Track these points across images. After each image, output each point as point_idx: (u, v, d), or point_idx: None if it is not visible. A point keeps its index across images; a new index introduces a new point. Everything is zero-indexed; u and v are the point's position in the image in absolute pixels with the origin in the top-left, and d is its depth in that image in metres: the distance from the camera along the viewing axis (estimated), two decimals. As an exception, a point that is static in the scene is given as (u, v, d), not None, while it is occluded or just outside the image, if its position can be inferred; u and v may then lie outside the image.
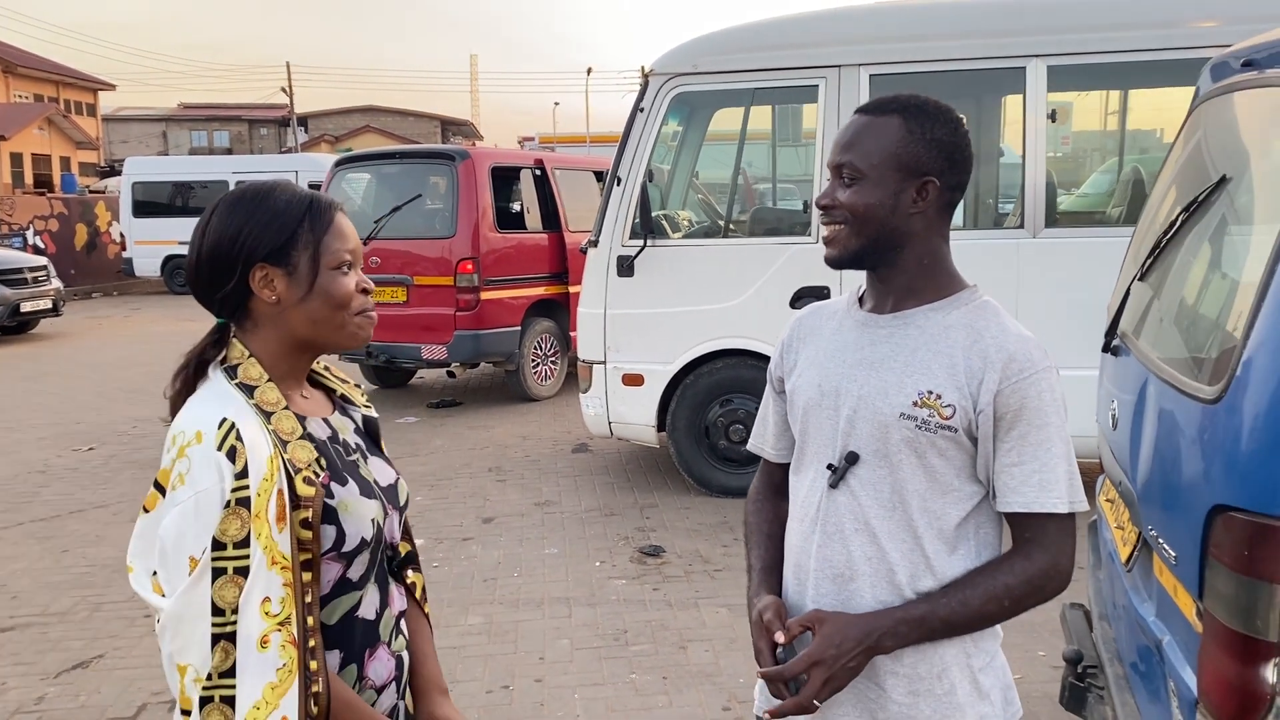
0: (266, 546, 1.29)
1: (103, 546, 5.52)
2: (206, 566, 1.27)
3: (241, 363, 1.42)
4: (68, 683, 3.93)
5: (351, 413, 1.61)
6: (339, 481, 1.43)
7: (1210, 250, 2.40)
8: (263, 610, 1.28)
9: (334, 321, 1.45)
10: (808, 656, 1.46)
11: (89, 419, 8.89)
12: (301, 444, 1.39)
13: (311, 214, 1.44)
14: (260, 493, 1.30)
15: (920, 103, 1.56)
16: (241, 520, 1.28)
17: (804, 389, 1.65)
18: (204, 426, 1.32)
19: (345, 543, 1.41)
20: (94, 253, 22.46)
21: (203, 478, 1.29)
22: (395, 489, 1.59)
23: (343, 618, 1.44)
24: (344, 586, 1.44)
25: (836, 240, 1.58)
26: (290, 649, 1.29)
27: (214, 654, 1.26)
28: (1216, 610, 1.80)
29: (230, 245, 1.40)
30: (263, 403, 1.39)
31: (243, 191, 1.45)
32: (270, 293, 1.42)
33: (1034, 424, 1.49)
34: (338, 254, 1.44)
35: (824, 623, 1.49)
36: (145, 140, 58.07)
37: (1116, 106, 7.34)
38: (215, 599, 1.26)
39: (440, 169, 8.80)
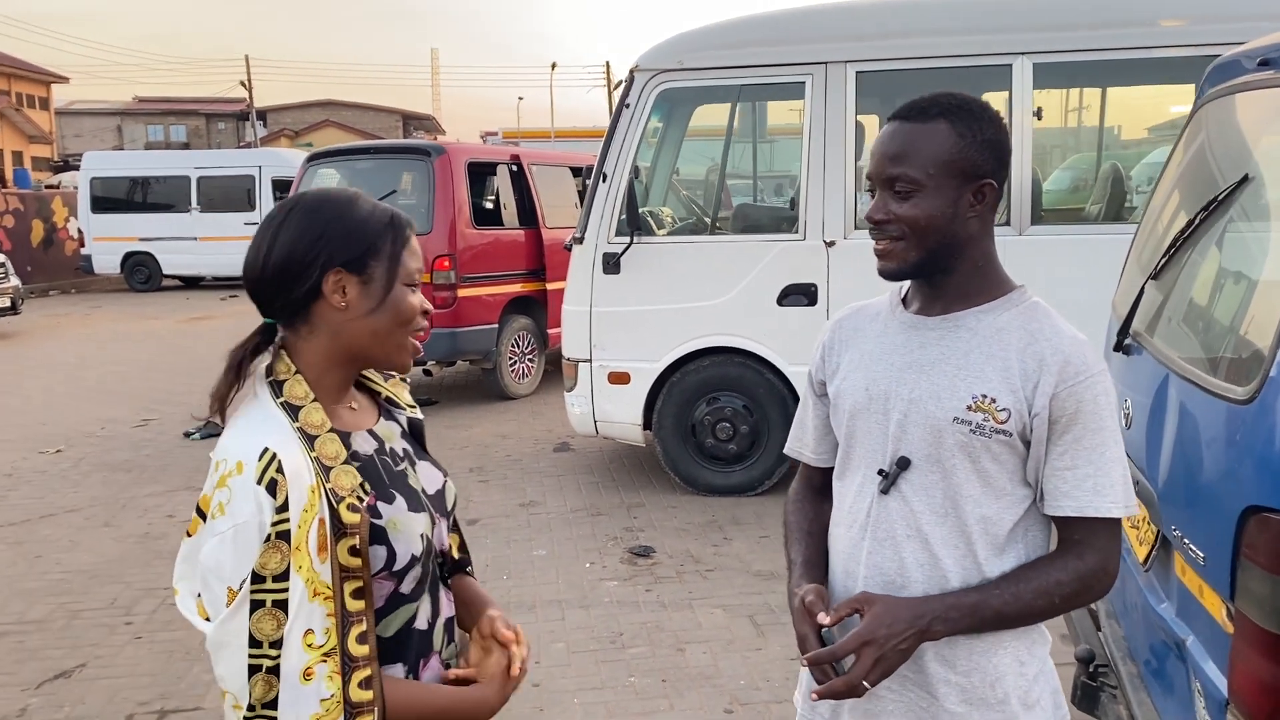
0: (308, 579, 1.28)
1: (77, 552, 5.39)
2: (245, 599, 1.26)
3: (287, 379, 1.39)
4: (50, 693, 3.82)
5: (397, 416, 1.58)
6: (386, 500, 1.41)
7: (1231, 251, 2.40)
8: (305, 642, 1.27)
9: (394, 338, 1.43)
10: (859, 635, 1.43)
11: (55, 420, 8.69)
12: (345, 469, 1.37)
13: (394, 227, 1.43)
14: (301, 524, 1.28)
15: (962, 103, 1.53)
16: (281, 554, 1.27)
17: (850, 392, 1.62)
18: (245, 457, 1.30)
19: (396, 561, 1.39)
20: (51, 249, 22.02)
21: (242, 510, 1.28)
22: (443, 494, 1.57)
23: (400, 630, 1.44)
24: (398, 600, 1.43)
25: (894, 254, 1.53)
26: (337, 679, 1.29)
27: (253, 685, 1.26)
28: (1250, 611, 1.79)
29: (310, 247, 1.38)
30: (307, 425, 1.36)
31: (325, 196, 1.43)
32: (341, 299, 1.39)
33: (1089, 427, 1.47)
34: (410, 271, 1.44)
35: (874, 603, 1.46)
36: (99, 134, 57.02)
37: (1076, 104, 7.42)
38: (253, 630, 1.26)
39: (415, 164, 8.69)
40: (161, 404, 9.31)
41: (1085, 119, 7.32)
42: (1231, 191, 2.36)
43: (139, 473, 6.98)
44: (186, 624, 4.18)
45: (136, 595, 4.76)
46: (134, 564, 5.19)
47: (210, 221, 19.99)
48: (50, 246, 22.00)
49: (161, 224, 20.29)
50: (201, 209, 20.14)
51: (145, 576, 5.00)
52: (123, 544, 5.50)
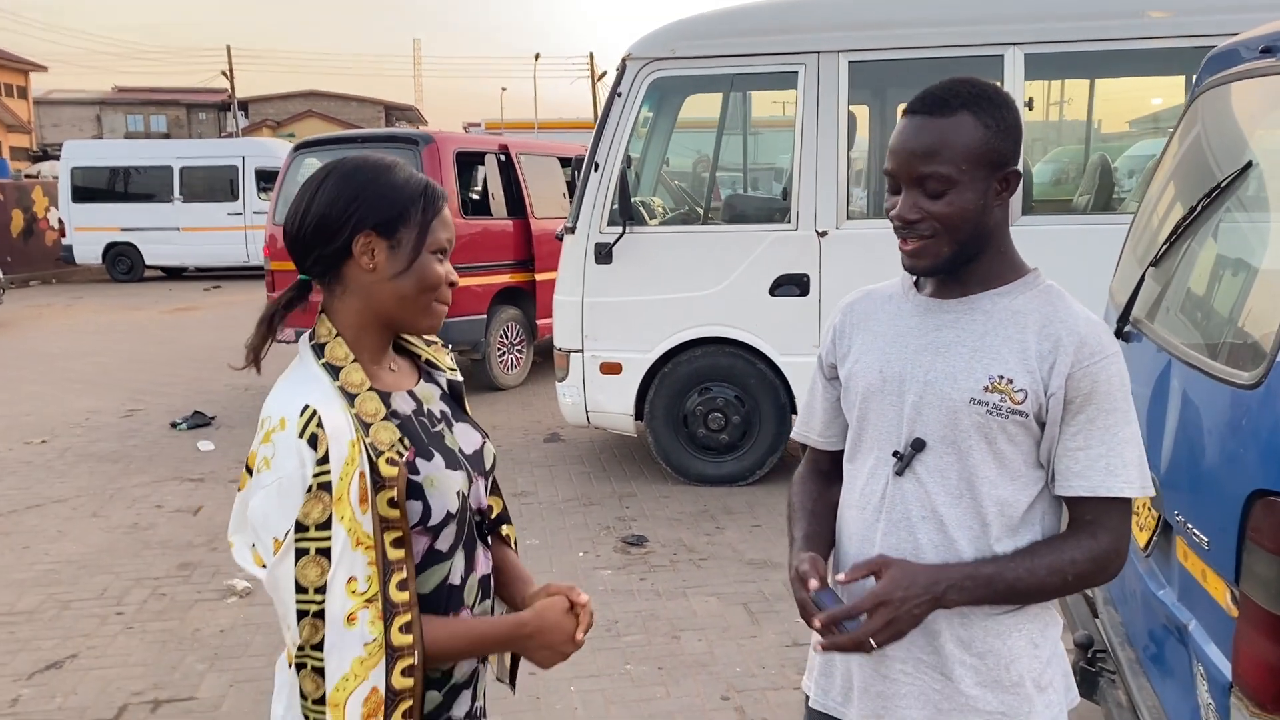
0: (350, 529, 1.34)
1: (65, 542, 5.35)
2: (290, 547, 1.33)
3: (328, 341, 1.45)
4: (42, 684, 3.79)
5: (437, 378, 1.63)
6: (424, 456, 1.45)
7: (1231, 239, 2.41)
8: (349, 589, 1.34)
9: (419, 303, 1.47)
10: (875, 594, 1.43)
11: (39, 411, 8.62)
12: (384, 425, 1.42)
13: (426, 196, 1.48)
14: (342, 477, 1.34)
15: (980, 91, 1.51)
16: (323, 504, 1.33)
17: (862, 375, 1.62)
18: (288, 413, 1.37)
19: (431, 517, 1.44)
20: (31, 239, 21.78)
21: (285, 463, 1.34)
22: (481, 454, 1.61)
23: (437, 586, 1.48)
24: (434, 558, 1.48)
25: (927, 252, 1.51)
26: (379, 624, 1.35)
27: (301, 628, 1.34)
28: (1256, 594, 1.81)
29: (345, 208, 1.43)
30: (347, 384, 1.42)
31: (363, 160, 1.49)
32: (369, 260, 1.44)
33: (1103, 408, 1.48)
34: (439, 240, 1.48)
35: (890, 566, 1.46)
36: (79, 124, 56.46)
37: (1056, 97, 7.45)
38: (298, 577, 1.33)
39: (404, 154, 8.62)
40: (146, 394, 9.25)
41: (1075, 111, 7.35)
42: (1231, 180, 2.37)
43: (126, 463, 6.93)
44: (179, 613, 4.17)
45: (127, 585, 4.73)
46: (123, 554, 5.15)
47: (193, 212, 19.82)
48: (30, 237, 21.76)
49: (144, 214, 20.09)
50: (184, 199, 19.96)
51: (135, 566, 4.97)
52: (111, 534, 5.46)
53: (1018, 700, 1.52)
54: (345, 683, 1.34)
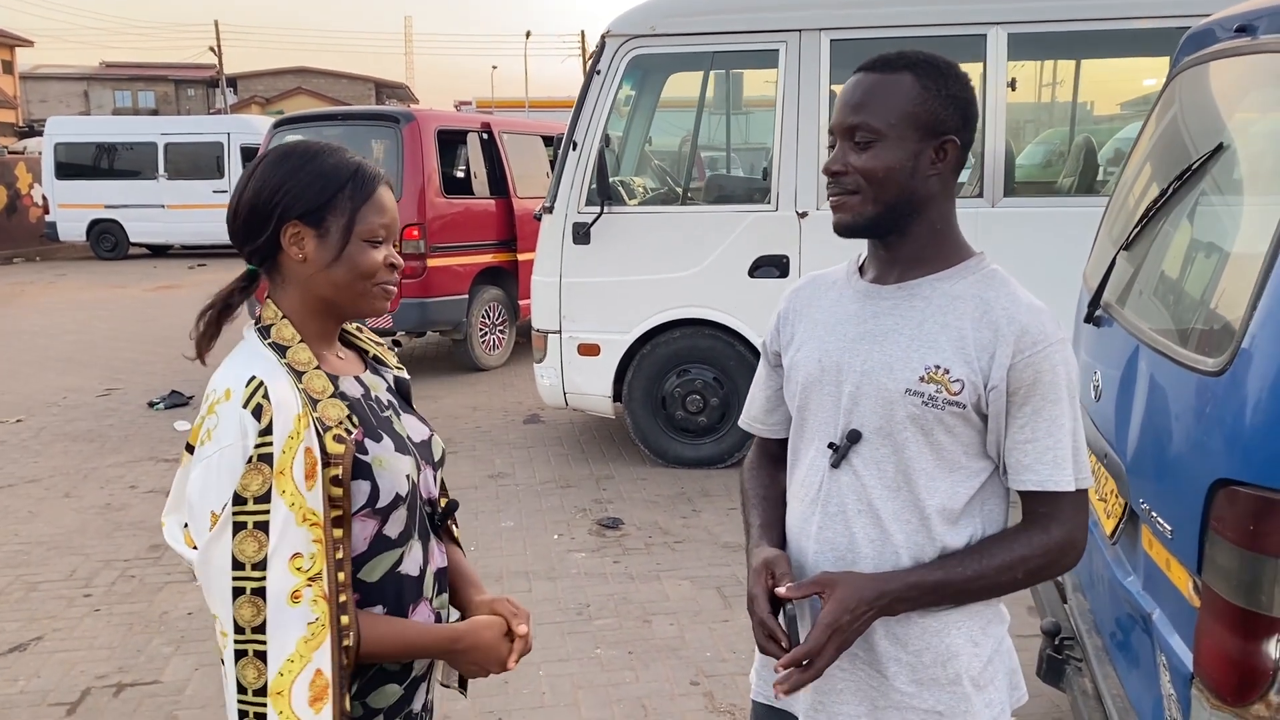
0: (293, 503, 1.30)
1: (36, 523, 5.29)
2: (227, 521, 1.29)
3: (275, 323, 1.43)
4: (4, 667, 3.74)
5: (383, 373, 1.61)
6: (373, 438, 1.43)
7: (1203, 222, 2.37)
8: (293, 566, 1.29)
9: (354, 289, 1.44)
10: (826, 625, 1.39)
11: (16, 389, 8.53)
12: (332, 402, 1.40)
13: (355, 182, 1.43)
14: (286, 450, 1.30)
15: (929, 58, 1.48)
16: (263, 476, 1.29)
17: (803, 364, 1.57)
18: (233, 384, 1.33)
19: (380, 498, 1.40)
20: (14, 216, 21.58)
21: (227, 434, 1.31)
22: (429, 445, 1.59)
23: (385, 575, 1.45)
24: (383, 544, 1.44)
25: (848, 207, 1.48)
26: (322, 603, 1.31)
27: (239, 607, 1.28)
28: (1217, 584, 1.78)
29: (269, 198, 1.40)
30: (295, 362, 1.39)
31: (293, 147, 1.45)
32: (298, 251, 1.41)
33: (1047, 399, 1.43)
34: (371, 226, 1.43)
35: (835, 585, 1.41)
36: (66, 100, 55.93)
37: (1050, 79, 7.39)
38: (235, 553, 1.29)
39: (384, 131, 8.55)
40: (126, 373, 9.16)
41: (1060, 93, 7.29)
42: (1204, 162, 2.32)
43: (101, 443, 6.86)
44: (147, 596, 4.11)
45: (96, 567, 4.68)
46: (94, 535, 5.10)
47: (178, 189, 19.64)
48: (14, 213, 21.57)
49: (128, 191, 19.91)
50: (169, 176, 19.78)
51: (105, 548, 4.92)
52: (83, 515, 5.41)
53: (954, 699, 1.48)
54: (290, 665, 1.28)
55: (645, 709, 3.38)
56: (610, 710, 3.38)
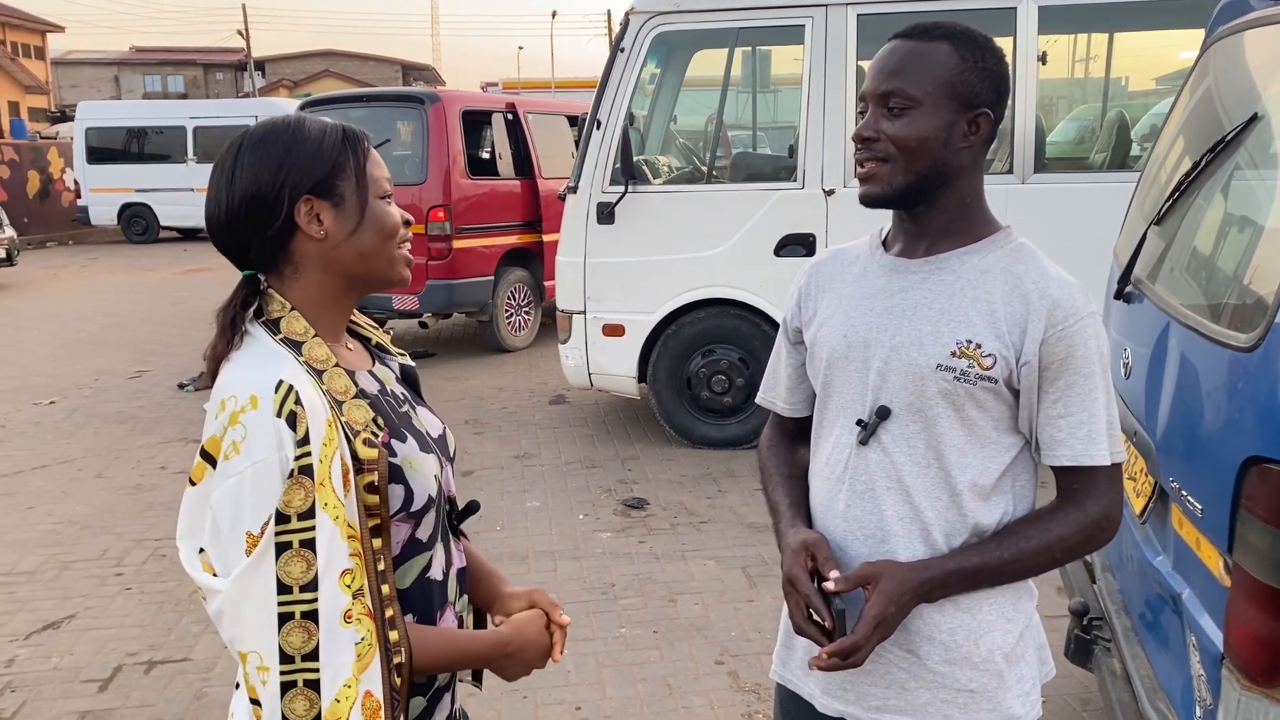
0: (337, 516, 1.20)
1: (69, 503, 5.36)
2: (270, 543, 1.17)
3: (283, 316, 1.31)
4: (38, 644, 3.80)
5: (389, 362, 1.51)
6: (398, 438, 1.34)
7: (1237, 195, 2.32)
8: (343, 583, 1.20)
9: (384, 253, 1.35)
10: (872, 619, 1.38)
11: (49, 371, 8.65)
12: (356, 403, 1.30)
13: (349, 142, 1.34)
14: (323, 459, 1.20)
15: (966, 30, 1.46)
16: (305, 490, 1.18)
17: (827, 340, 1.55)
18: (259, 390, 1.21)
19: (414, 502, 1.32)
20: (47, 201, 21.85)
21: (261, 446, 1.18)
22: (444, 440, 1.50)
23: (416, 580, 1.37)
24: (414, 548, 1.37)
25: (879, 177, 1.46)
26: (367, 620, 1.22)
27: (287, 634, 1.17)
28: (1248, 564, 1.75)
29: (273, 180, 1.28)
30: (312, 360, 1.28)
31: (270, 126, 1.33)
32: (318, 228, 1.31)
33: (1080, 373, 1.41)
34: (380, 182, 1.36)
35: (880, 578, 1.40)
36: (97, 85, 56.44)
37: (1083, 54, 7.26)
38: (281, 576, 1.17)
39: (409, 113, 8.55)
40: (156, 355, 9.26)
41: (1092, 68, 7.17)
42: (1238, 134, 2.27)
43: (132, 424, 6.94)
44: (177, 575, 4.15)
45: (127, 546, 4.74)
46: (126, 515, 5.16)
47: (207, 172, 19.51)
48: (47, 198, 21.83)
49: (158, 175, 20.10)
50: (198, 160, 19.94)
51: (137, 528, 4.98)
52: (115, 495, 5.47)
53: (986, 676, 1.47)
54: (346, 690, 1.18)
55: (670, 688, 3.39)
56: (635, 689, 3.38)
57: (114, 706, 3.36)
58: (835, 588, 1.41)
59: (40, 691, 3.46)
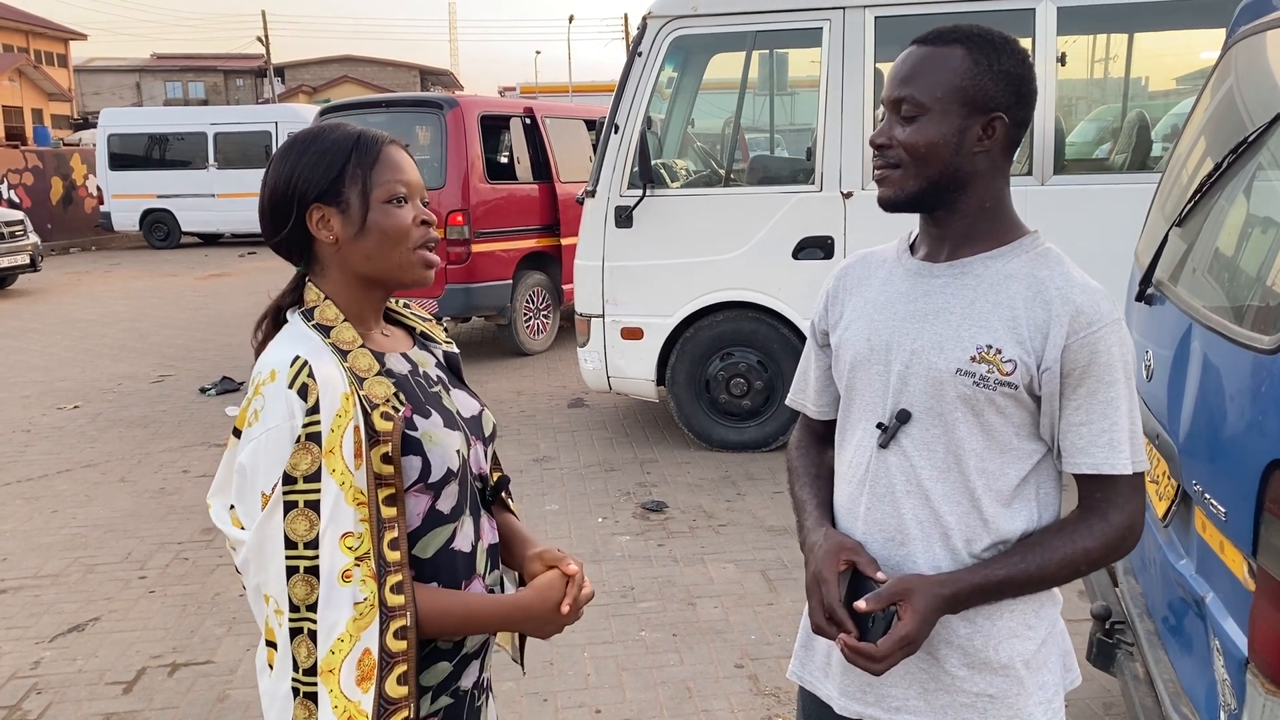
0: (344, 482, 1.30)
1: (93, 507, 5.41)
2: (278, 501, 1.29)
3: (318, 305, 1.42)
4: (63, 646, 3.84)
5: (432, 349, 1.61)
6: (422, 414, 1.42)
7: (1259, 196, 2.30)
8: (344, 545, 1.30)
9: (392, 257, 1.42)
10: (901, 639, 1.37)
11: (73, 376, 8.73)
12: (379, 380, 1.39)
13: (358, 149, 1.42)
14: (334, 429, 1.31)
15: (983, 32, 1.45)
16: (312, 455, 1.30)
17: (851, 343, 1.55)
18: (278, 365, 1.34)
19: (431, 474, 1.40)
20: (70, 207, 22.05)
21: (274, 415, 1.31)
22: (480, 420, 1.58)
23: (439, 551, 1.44)
24: (436, 519, 1.44)
25: (891, 181, 1.47)
26: (371, 583, 1.31)
27: (293, 586, 1.29)
28: (1272, 567, 1.74)
29: (285, 189, 1.41)
30: (339, 341, 1.39)
31: (296, 137, 1.45)
32: (328, 233, 1.41)
33: (1103, 380, 1.40)
34: (388, 186, 1.41)
35: (912, 595, 1.39)
36: (119, 92, 57.00)
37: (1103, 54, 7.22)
38: (288, 532, 1.29)
39: (428, 118, 8.59)
40: (179, 360, 9.33)
41: (1112, 68, 7.12)
42: (1260, 134, 2.25)
43: (155, 428, 7.00)
44: (200, 578, 4.18)
45: (151, 549, 4.78)
46: (149, 519, 5.20)
47: (228, 178, 19.92)
48: (70, 204, 22.04)
49: (179, 181, 20.25)
50: (219, 165, 20.08)
51: (160, 531, 5.02)
52: (138, 499, 5.52)
53: (1006, 682, 1.46)
54: (340, 644, 1.28)
55: (689, 691, 3.39)
56: (654, 692, 3.39)
57: (138, 709, 3.39)
58: (867, 608, 1.40)
59: (65, 694, 3.49)
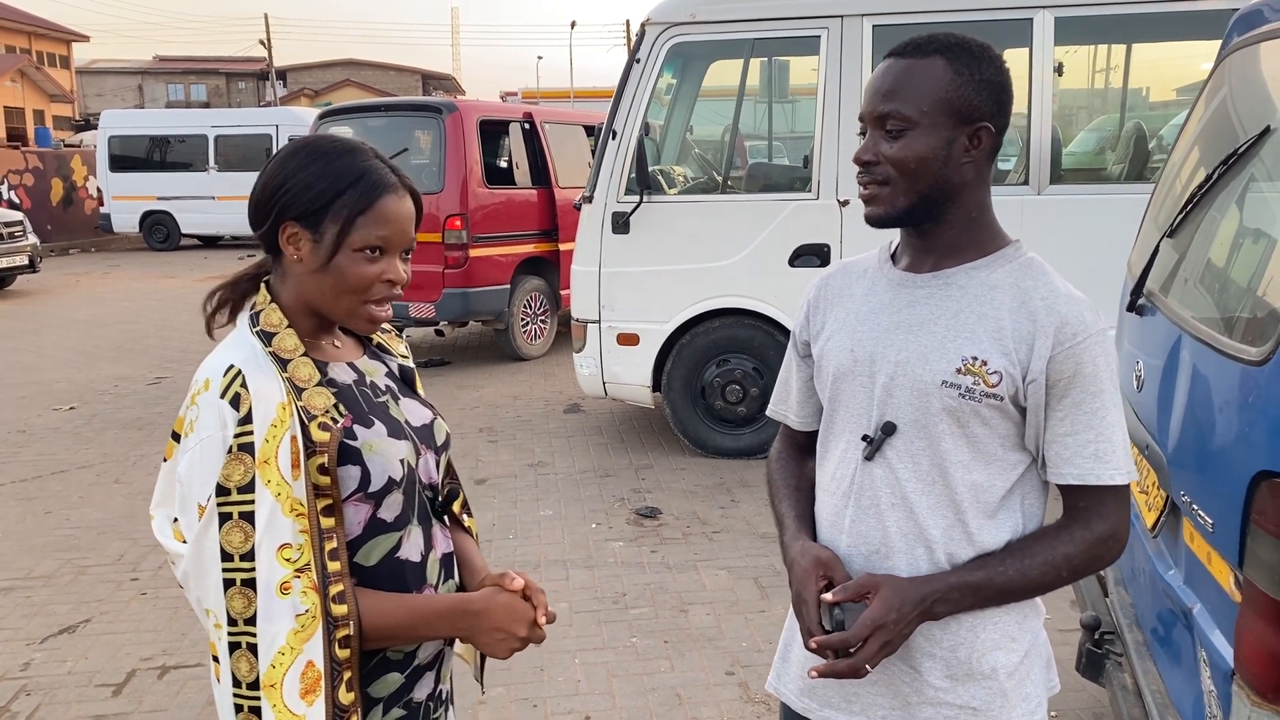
0: (279, 493, 1.29)
1: (86, 508, 5.41)
2: (213, 513, 1.28)
3: (264, 309, 1.41)
4: (54, 648, 3.83)
5: (386, 360, 1.58)
6: (363, 423, 1.41)
7: (1247, 208, 2.30)
8: (281, 557, 1.28)
9: (342, 303, 1.40)
10: (870, 621, 1.36)
11: (69, 377, 8.73)
12: (318, 390, 1.38)
13: (357, 188, 1.38)
14: (269, 439, 1.29)
15: (961, 41, 1.44)
16: (245, 466, 1.28)
17: (834, 354, 1.54)
18: (212, 374, 1.33)
19: (371, 483, 1.39)
20: (70, 208, 22.05)
21: (207, 425, 1.30)
22: (430, 429, 1.55)
23: (383, 560, 1.43)
24: (378, 527, 1.42)
25: (881, 199, 1.45)
26: (312, 594, 1.30)
27: (230, 599, 1.27)
28: (1259, 579, 1.73)
29: (272, 195, 1.39)
30: (280, 350, 1.37)
31: (308, 142, 1.43)
32: (294, 251, 1.39)
33: (1088, 391, 1.39)
34: (366, 236, 1.38)
35: (880, 587, 1.39)
36: (120, 93, 57.08)
37: (1104, 64, 7.22)
38: (223, 544, 1.28)
39: (427, 122, 8.60)
40: (176, 362, 9.33)
41: (1110, 79, 7.13)
42: (1253, 145, 2.26)
43: (150, 430, 7.00)
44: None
45: (143, 551, 4.77)
46: (142, 520, 5.19)
47: (228, 180, 19.90)
48: (70, 205, 22.03)
49: (179, 183, 20.25)
50: (219, 168, 20.08)
51: (153, 533, 5.00)
52: (132, 500, 5.51)
53: (988, 694, 1.46)
54: (281, 657, 1.27)
55: (680, 698, 3.38)
56: (644, 699, 3.38)
57: (127, 711, 3.38)
58: (835, 598, 1.40)
59: (55, 695, 3.49)
